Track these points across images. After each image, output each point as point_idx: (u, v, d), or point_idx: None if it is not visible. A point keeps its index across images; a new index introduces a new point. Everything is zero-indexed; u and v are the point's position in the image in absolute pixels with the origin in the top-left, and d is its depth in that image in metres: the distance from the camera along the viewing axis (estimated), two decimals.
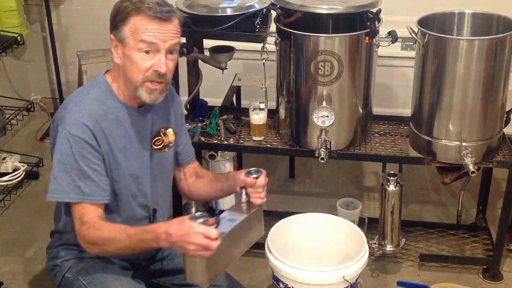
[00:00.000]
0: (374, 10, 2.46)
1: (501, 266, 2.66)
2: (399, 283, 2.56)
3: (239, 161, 3.26)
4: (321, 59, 2.38)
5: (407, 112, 2.70)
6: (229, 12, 2.43)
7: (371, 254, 2.49)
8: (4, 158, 3.18)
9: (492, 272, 2.63)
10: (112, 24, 1.82)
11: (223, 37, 2.49)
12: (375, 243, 2.61)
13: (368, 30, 2.41)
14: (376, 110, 2.73)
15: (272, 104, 2.69)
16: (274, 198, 3.16)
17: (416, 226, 2.86)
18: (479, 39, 2.34)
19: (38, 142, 3.76)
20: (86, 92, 1.87)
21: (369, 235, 2.58)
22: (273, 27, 2.55)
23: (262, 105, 2.61)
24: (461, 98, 2.37)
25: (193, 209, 2.94)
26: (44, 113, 4.02)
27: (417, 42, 2.41)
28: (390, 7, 2.71)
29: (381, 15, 2.46)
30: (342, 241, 2.30)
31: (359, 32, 2.42)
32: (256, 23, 2.50)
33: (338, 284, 2.07)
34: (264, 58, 2.53)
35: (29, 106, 3.57)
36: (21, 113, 3.53)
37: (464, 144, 2.41)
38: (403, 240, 2.63)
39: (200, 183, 2.17)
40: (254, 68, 3.45)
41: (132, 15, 1.77)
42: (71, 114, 1.80)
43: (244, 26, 2.44)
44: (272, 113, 2.71)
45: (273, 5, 2.56)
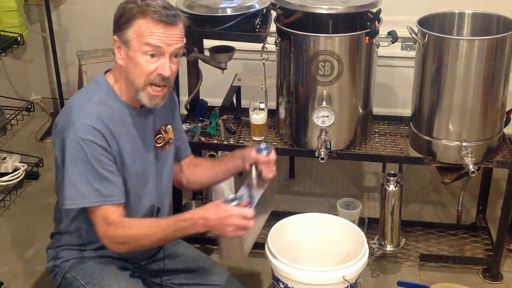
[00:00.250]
0: (374, 10, 2.46)
1: (501, 266, 2.66)
2: (399, 283, 2.56)
3: None
4: (321, 59, 2.38)
5: (407, 112, 2.70)
6: (229, 12, 2.43)
7: (371, 254, 2.49)
8: (4, 158, 3.18)
9: (492, 272, 2.63)
10: (116, 26, 1.81)
11: (223, 37, 2.49)
12: (375, 243, 2.61)
13: (368, 30, 2.41)
14: (376, 110, 2.74)
15: (272, 104, 2.69)
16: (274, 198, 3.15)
17: (416, 226, 2.86)
18: (479, 39, 2.34)
19: (38, 142, 3.75)
20: (90, 96, 1.85)
21: (369, 235, 2.58)
22: (273, 27, 2.55)
23: (262, 105, 2.61)
24: (461, 98, 2.37)
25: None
26: (44, 113, 4.02)
27: (417, 42, 2.41)
28: (390, 7, 2.70)
29: (381, 15, 2.46)
30: (342, 241, 2.30)
31: (359, 32, 2.42)
32: (256, 23, 2.50)
33: (338, 284, 2.08)
34: (264, 58, 2.54)
35: (29, 106, 3.56)
36: (21, 113, 3.52)
37: (464, 144, 2.41)
38: (403, 240, 2.63)
39: (200, 171, 2.19)
40: (254, 68, 3.45)
41: (138, 18, 1.76)
42: (79, 119, 1.79)
43: (244, 26, 2.44)
44: (272, 113, 2.71)
45: (273, 5, 2.56)
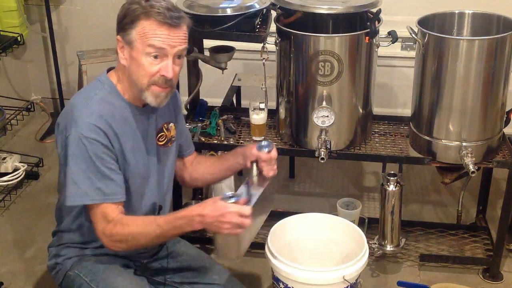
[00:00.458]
0: (374, 10, 2.46)
1: (501, 266, 2.66)
2: (399, 283, 2.56)
3: None
4: (321, 59, 2.38)
5: (407, 112, 2.70)
6: (229, 12, 2.43)
7: (371, 254, 2.49)
8: (4, 158, 3.18)
9: (492, 272, 2.63)
10: (120, 26, 1.81)
11: (223, 37, 2.49)
12: (375, 243, 2.61)
13: (368, 30, 2.40)
14: (376, 110, 2.73)
15: (272, 104, 2.69)
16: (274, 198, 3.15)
17: (416, 226, 2.86)
18: (479, 39, 2.34)
19: (38, 142, 3.75)
20: (92, 94, 1.85)
21: (369, 235, 2.58)
22: (273, 27, 2.55)
23: (262, 105, 2.61)
24: (461, 98, 2.37)
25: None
26: (44, 113, 4.02)
27: (417, 42, 2.41)
28: (390, 7, 2.70)
29: (381, 15, 2.46)
30: (342, 241, 2.30)
31: (359, 32, 2.42)
32: (256, 23, 2.50)
33: (338, 284, 2.08)
34: (264, 58, 2.53)
35: (29, 106, 3.57)
36: (21, 113, 3.53)
37: (464, 144, 2.40)
38: (403, 240, 2.63)
39: (203, 168, 2.19)
40: (254, 68, 3.45)
41: (141, 19, 1.76)
42: (82, 117, 1.79)
43: (244, 26, 2.44)
44: (272, 113, 2.70)
45: (273, 5, 2.56)
